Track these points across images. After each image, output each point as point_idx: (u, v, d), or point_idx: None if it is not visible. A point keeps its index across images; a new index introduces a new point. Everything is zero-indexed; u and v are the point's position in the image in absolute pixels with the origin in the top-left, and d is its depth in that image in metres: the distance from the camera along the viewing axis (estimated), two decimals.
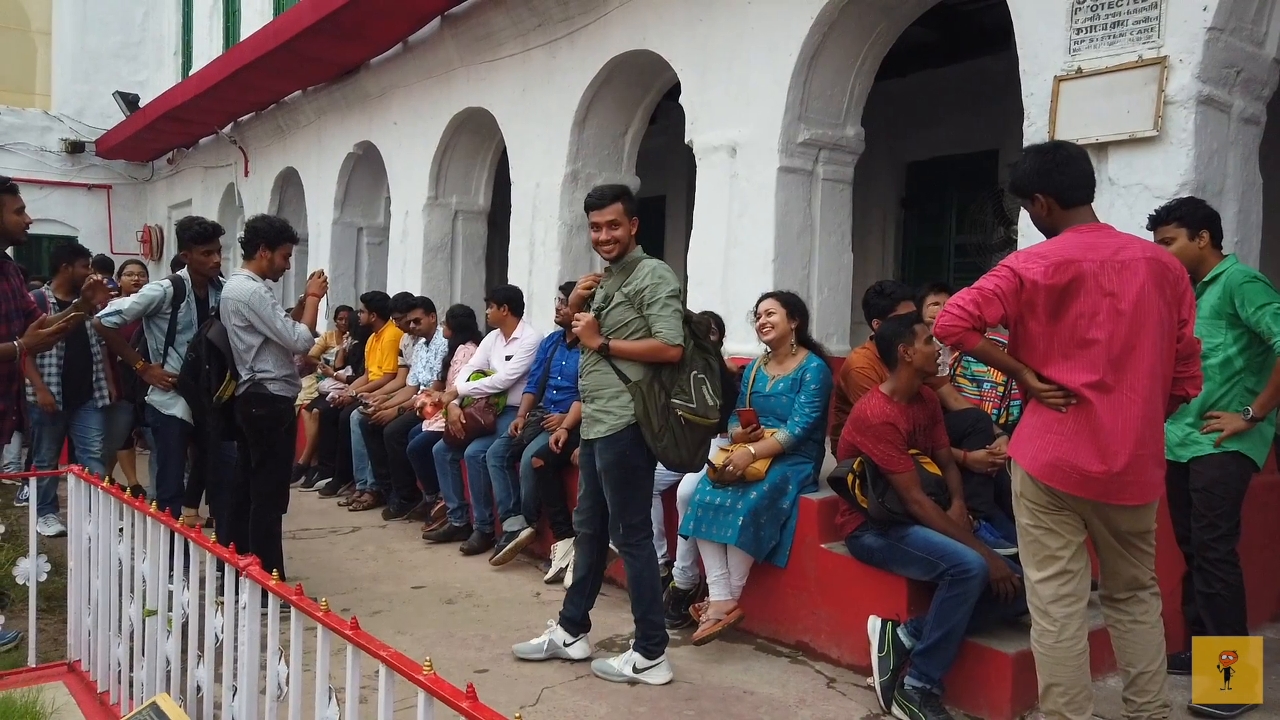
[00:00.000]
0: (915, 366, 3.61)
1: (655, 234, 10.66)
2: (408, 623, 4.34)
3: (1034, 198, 2.83)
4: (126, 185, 15.35)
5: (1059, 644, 2.77)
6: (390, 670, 1.64)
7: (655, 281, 3.57)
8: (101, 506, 3.11)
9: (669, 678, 3.67)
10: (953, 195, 8.46)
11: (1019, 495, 2.83)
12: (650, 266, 3.63)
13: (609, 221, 3.62)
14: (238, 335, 4.42)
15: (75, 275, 5.69)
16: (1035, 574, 2.82)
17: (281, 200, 11.46)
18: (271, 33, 8.89)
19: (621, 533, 3.71)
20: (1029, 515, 2.81)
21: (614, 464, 3.64)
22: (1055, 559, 2.78)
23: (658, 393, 3.56)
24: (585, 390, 3.74)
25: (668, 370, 3.58)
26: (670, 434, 3.55)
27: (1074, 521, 2.78)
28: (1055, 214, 2.82)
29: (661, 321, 3.54)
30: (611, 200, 3.63)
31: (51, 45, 15.00)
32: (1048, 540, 2.78)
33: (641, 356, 3.58)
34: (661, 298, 3.55)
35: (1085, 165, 2.82)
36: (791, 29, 5.27)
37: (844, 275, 5.73)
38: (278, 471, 4.61)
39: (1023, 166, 2.86)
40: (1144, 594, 2.87)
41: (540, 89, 7.13)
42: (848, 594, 3.82)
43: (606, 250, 3.66)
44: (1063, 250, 2.71)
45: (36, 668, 3.38)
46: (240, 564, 2.18)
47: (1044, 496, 2.76)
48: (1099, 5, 4.07)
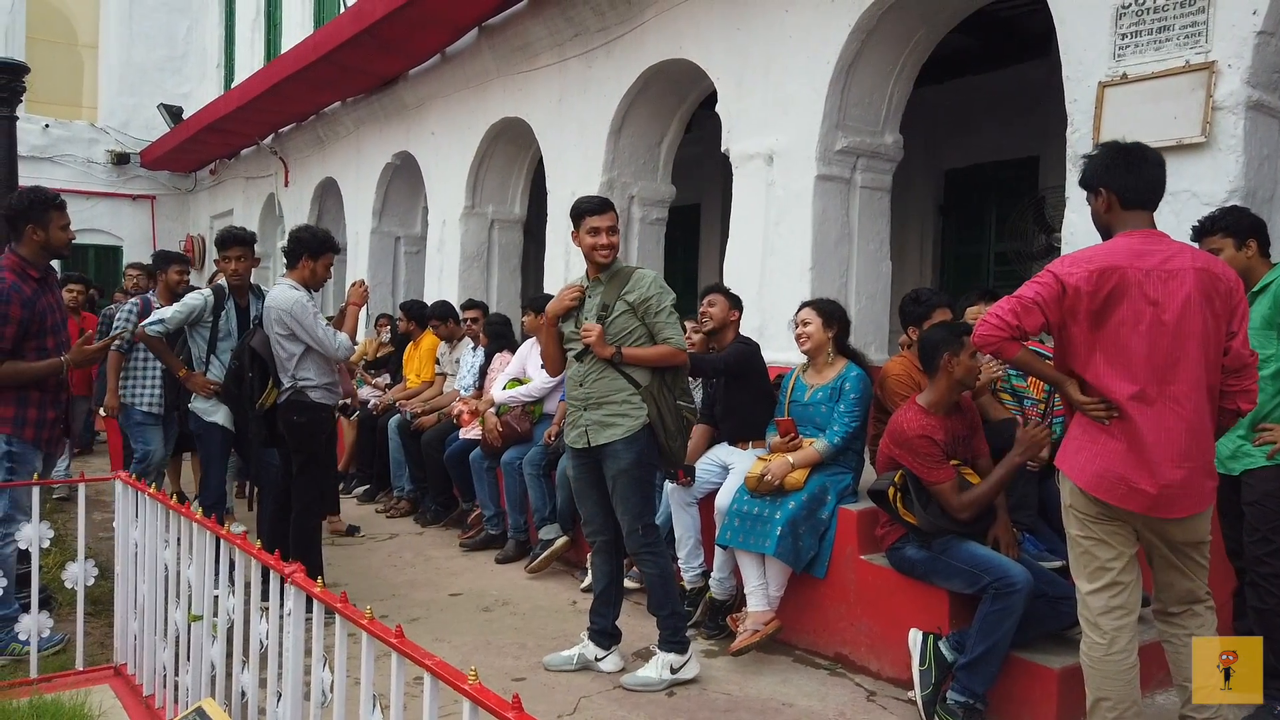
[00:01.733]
0: (956, 378, 3.56)
1: (690, 242, 10.66)
2: (445, 630, 4.36)
3: (1098, 191, 2.80)
4: (170, 195, 15.64)
5: (1109, 657, 2.72)
6: (435, 679, 1.64)
7: (659, 291, 3.72)
8: (148, 512, 3.16)
9: (699, 669, 3.79)
10: (992, 202, 8.38)
11: (1069, 506, 2.79)
12: (651, 277, 3.75)
13: (609, 227, 3.72)
14: (280, 344, 4.48)
15: (170, 281, 5.78)
16: (1086, 585, 2.77)
17: (321, 210, 11.61)
18: (312, 45, 9.03)
19: (640, 534, 3.73)
20: (1079, 526, 2.76)
21: (634, 464, 3.67)
22: (1106, 570, 2.73)
23: (666, 395, 3.71)
24: (589, 398, 3.72)
25: (670, 374, 3.74)
26: (681, 435, 3.76)
27: (1125, 533, 2.73)
28: (1114, 212, 2.78)
29: (670, 329, 3.69)
30: (610, 207, 3.77)
31: (98, 59, 15.34)
32: (1098, 551, 2.73)
33: (654, 362, 3.69)
34: (667, 306, 3.71)
35: (1157, 171, 2.77)
36: (829, 37, 5.25)
37: (882, 283, 5.68)
38: (318, 478, 4.66)
39: (1095, 159, 2.84)
40: (1199, 608, 2.81)
41: (576, 98, 7.16)
42: (888, 606, 3.77)
43: (603, 255, 3.73)
44: (1108, 256, 2.67)
45: (83, 671, 3.44)
46: (285, 571, 2.19)
47: (1094, 507, 2.72)
48: (1145, 10, 4.01)
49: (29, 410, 3.93)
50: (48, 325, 3.98)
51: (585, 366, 3.74)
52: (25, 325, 3.87)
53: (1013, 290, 2.80)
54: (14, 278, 3.87)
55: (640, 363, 3.67)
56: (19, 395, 3.91)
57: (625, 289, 3.69)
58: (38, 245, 3.98)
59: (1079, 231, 4.14)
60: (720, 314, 4.62)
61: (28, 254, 3.97)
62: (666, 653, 3.71)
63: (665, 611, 3.75)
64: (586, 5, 6.81)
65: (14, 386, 3.88)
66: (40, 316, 3.93)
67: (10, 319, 3.81)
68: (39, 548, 3.35)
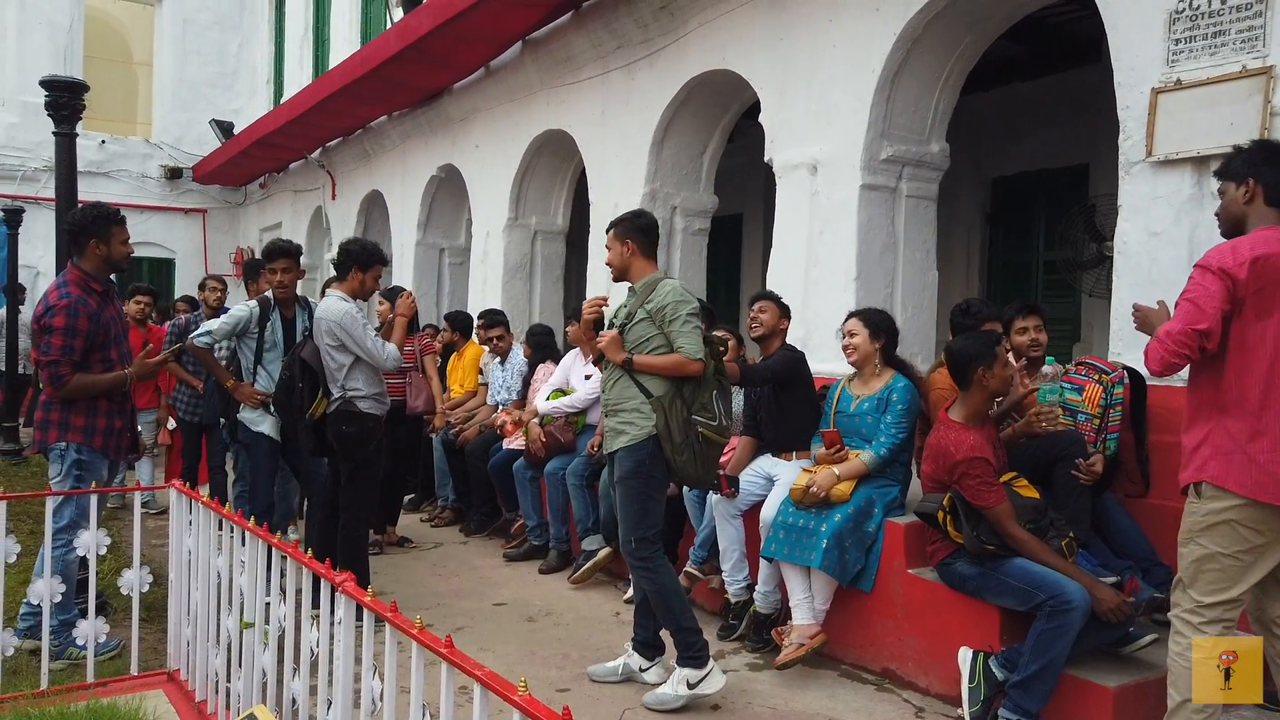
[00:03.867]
0: (991, 390, 3.51)
1: (732, 252, 10.64)
2: (490, 640, 4.38)
3: (1244, 181, 2.78)
4: (221, 209, 15.97)
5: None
6: (485, 690, 1.65)
7: (676, 300, 3.65)
8: (201, 520, 3.22)
9: (723, 682, 3.66)
10: (1041, 211, 8.25)
11: (1228, 521, 2.68)
12: (671, 286, 3.72)
13: (610, 245, 3.86)
14: (330, 354, 4.54)
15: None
16: (1208, 598, 2.72)
17: (367, 222, 11.78)
18: (359, 61, 9.18)
19: (633, 546, 3.67)
20: (1240, 540, 2.68)
21: (632, 472, 3.64)
22: (1238, 584, 2.69)
23: (680, 408, 3.60)
24: (607, 404, 3.76)
25: (689, 387, 3.63)
26: (690, 449, 3.60)
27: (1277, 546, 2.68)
28: (1254, 205, 2.77)
29: (683, 338, 3.61)
30: (612, 227, 3.85)
31: (153, 76, 15.73)
32: (1255, 566, 2.68)
33: (664, 370, 3.63)
34: (682, 315, 3.63)
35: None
36: (874, 45, 5.22)
37: (928, 293, 5.62)
38: (366, 487, 4.71)
39: (1247, 150, 2.84)
40: None
41: (619, 110, 7.19)
42: (937, 621, 3.72)
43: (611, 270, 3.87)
44: (1260, 245, 2.65)
45: (138, 675, 3.51)
46: (336, 579, 2.22)
47: (1259, 514, 2.64)
48: (1199, 15, 3.93)
49: (98, 419, 4.07)
50: (111, 337, 4.12)
51: (607, 373, 3.78)
52: (91, 338, 4.01)
53: (1062, 298, 2.76)
54: (79, 291, 4.00)
55: (651, 370, 3.63)
56: (89, 405, 4.05)
57: (648, 298, 3.71)
58: (100, 259, 4.10)
59: (1131, 240, 4.07)
60: (770, 320, 4.59)
61: (90, 268, 4.09)
62: (683, 668, 3.61)
63: (672, 627, 3.67)
64: (629, 17, 6.84)
65: (84, 397, 4.01)
66: (104, 329, 4.06)
67: (78, 331, 3.94)
68: (96, 554, 3.43)
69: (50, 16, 14.32)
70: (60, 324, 3.91)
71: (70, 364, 3.95)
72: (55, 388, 3.97)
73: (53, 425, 4.03)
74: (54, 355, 3.92)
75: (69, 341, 3.93)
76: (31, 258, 13.23)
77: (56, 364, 3.93)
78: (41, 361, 3.98)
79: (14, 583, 3.88)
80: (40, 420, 4.07)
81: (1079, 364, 4.01)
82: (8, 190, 13.55)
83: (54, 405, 4.03)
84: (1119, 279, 4.12)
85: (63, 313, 3.92)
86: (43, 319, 3.95)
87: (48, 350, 3.93)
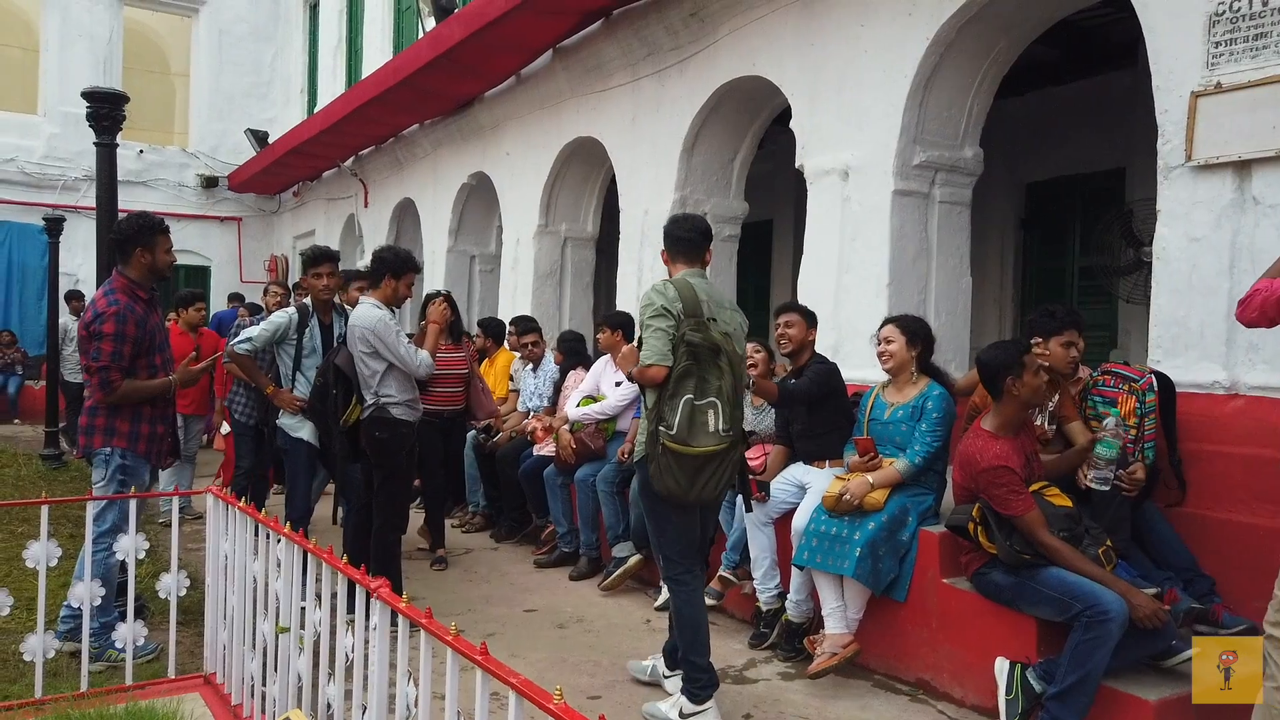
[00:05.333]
0: (1022, 399, 3.47)
1: (762, 259, 10.61)
2: (521, 646, 4.38)
3: None
4: (255, 217, 16.18)
5: None
6: (520, 697, 1.65)
7: (644, 304, 3.48)
8: (238, 526, 3.25)
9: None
10: (1076, 216, 8.14)
11: None
12: (650, 289, 3.52)
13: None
14: (363, 361, 4.58)
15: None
16: None
17: (399, 230, 11.88)
18: (391, 70, 9.27)
19: (662, 564, 3.63)
20: None
21: (641, 490, 3.61)
22: None
23: (654, 418, 3.40)
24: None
25: (655, 396, 3.40)
26: (657, 461, 3.35)
27: None
28: None
29: (644, 343, 3.42)
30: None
31: (189, 87, 15.98)
32: None
33: (638, 380, 3.48)
34: (645, 319, 3.44)
35: None
36: (906, 50, 5.19)
37: (962, 299, 5.57)
38: (399, 493, 4.75)
39: None
40: None
41: (649, 117, 7.20)
42: (972, 632, 3.67)
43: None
44: None
45: (175, 679, 3.55)
46: (371, 585, 2.23)
47: None
48: (1240, 17, 3.86)
49: (142, 425, 4.14)
50: (156, 344, 4.20)
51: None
52: (139, 344, 4.07)
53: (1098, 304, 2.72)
54: (127, 299, 4.07)
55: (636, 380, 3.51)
56: (134, 411, 4.12)
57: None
58: (145, 267, 4.18)
59: (1171, 245, 4.00)
60: (799, 335, 4.54)
61: (136, 276, 4.16)
62: (684, 695, 3.49)
63: (680, 653, 3.54)
64: (660, 25, 6.85)
65: (131, 403, 4.07)
66: (150, 335, 4.14)
67: (127, 338, 4.01)
68: (135, 558, 3.47)
69: (90, 29, 14.59)
70: (110, 330, 3.96)
71: (119, 370, 4.01)
72: (105, 393, 4.02)
73: (98, 431, 4.09)
74: (103, 361, 3.98)
75: (118, 347, 3.98)
76: (71, 265, 13.48)
77: (106, 369, 3.98)
78: (91, 367, 4.02)
79: (54, 585, 3.94)
80: (85, 426, 4.12)
81: (1104, 373, 3.96)
82: (48, 199, 13.81)
83: (99, 411, 4.09)
84: (1158, 285, 4.06)
85: (112, 319, 3.97)
86: (92, 325, 4.00)
87: (97, 356, 3.98)
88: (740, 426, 3.49)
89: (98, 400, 4.07)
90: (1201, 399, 3.83)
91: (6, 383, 13.42)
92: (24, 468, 8.59)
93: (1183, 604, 3.45)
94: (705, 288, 3.55)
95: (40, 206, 13.04)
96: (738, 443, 3.47)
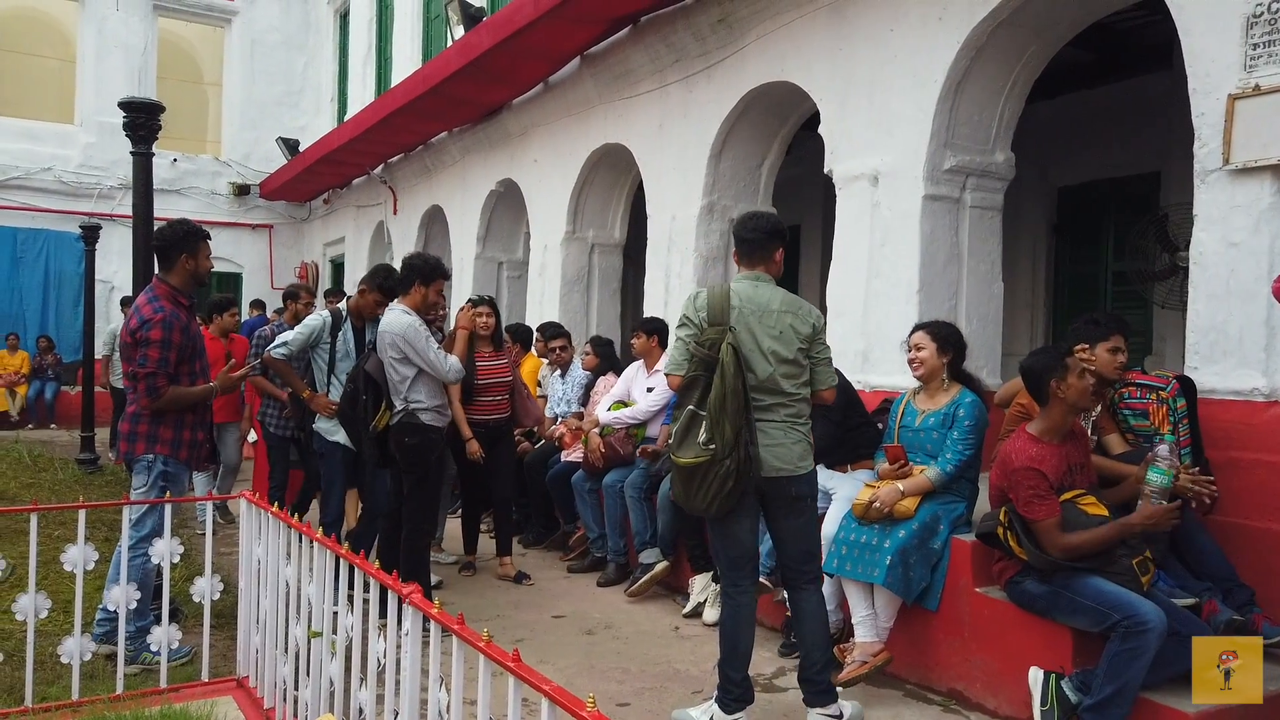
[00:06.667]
0: (1068, 402, 3.42)
1: (790, 264, 10.46)
2: (549, 652, 4.38)
3: None
4: (286, 224, 16.36)
5: None
6: (553, 705, 1.65)
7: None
8: (271, 530, 3.28)
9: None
10: (1109, 220, 8.05)
11: None
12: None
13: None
14: (393, 367, 4.61)
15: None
16: None
17: (427, 237, 11.96)
18: (421, 78, 9.35)
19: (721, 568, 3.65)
20: None
21: None
22: None
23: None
24: None
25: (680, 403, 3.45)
26: (673, 471, 3.45)
27: None
28: None
29: (668, 351, 3.53)
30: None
31: (222, 96, 16.21)
32: None
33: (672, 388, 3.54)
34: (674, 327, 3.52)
35: None
36: (937, 55, 5.15)
37: (994, 305, 5.51)
38: (428, 498, 4.77)
39: None
40: None
41: (677, 123, 7.21)
42: (1006, 642, 3.62)
43: None
44: None
45: (209, 682, 3.58)
46: (404, 591, 2.24)
47: None
48: (1278, 19, 3.80)
49: (184, 432, 4.17)
50: (196, 350, 4.23)
51: None
52: (182, 351, 4.10)
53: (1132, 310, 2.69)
54: (171, 306, 4.10)
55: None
56: (176, 418, 4.14)
57: None
58: (188, 274, 4.21)
59: (1208, 250, 3.94)
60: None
61: (178, 283, 4.19)
62: (714, 703, 3.48)
63: (720, 660, 3.50)
64: (688, 31, 6.86)
65: (174, 410, 4.09)
66: (193, 342, 4.18)
67: (173, 345, 4.04)
68: (169, 562, 3.51)
69: (126, 40, 14.85)
70: (157, 337, 3.99)
71: (166, 376, 4.04)
72: (151, 399, 4.03)
73: (140, 438, 4.10)
74: (151, 368, 4.00)
75: (165, 354, 4.01)
76: (107, 272, 13.70)
77: (153, 376, 4.01)
78: (139, 374, 4.03)
79: (89, 589, 3.99)
80: (128, 433, 4.12)
81: (1126, 385, 3.90)
82: (84, 208, 14.04)
83: (142, 418, 4.09)
84: (1195, 290, 4.00)
85: (159, 326, 4.00)
86: (138, 332, 4.01)
87: (144, 362, 4.00)
88: (740, 441, 3.27)
89: (143, 406, 4.08)
90: (1240, 406, 3.77)
91: (43, 388, 13.66)
92: (60, 472, 8.72)
93: (1222, 615, 3.39)
94: (748, 293, 3.46)
95: (76, 215, 13.24)
96: (727, 458, 3.25)
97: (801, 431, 3.49)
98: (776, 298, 3.47)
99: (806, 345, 3.47)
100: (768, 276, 3.57)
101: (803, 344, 3.46)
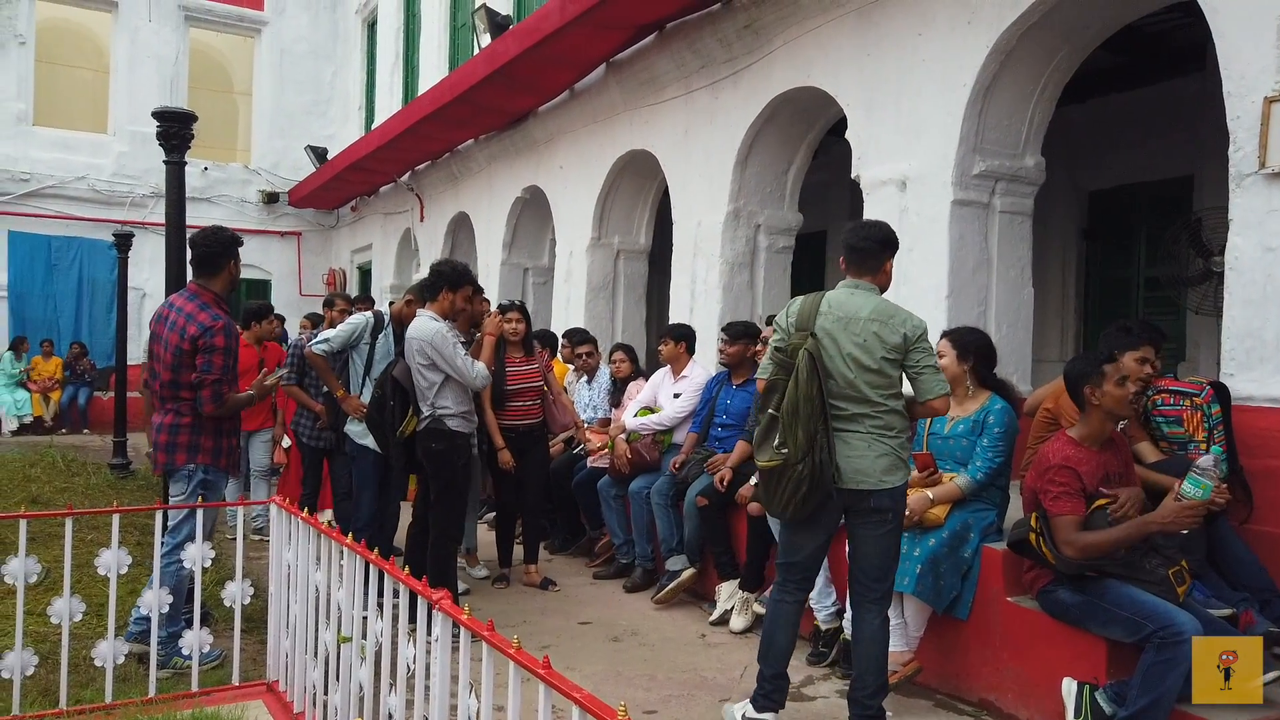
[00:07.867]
0: (1105, 409, 3.38)
1: (816, 270, 10.53)
2: (575, 659, 4.38)
3: None
4: (314, 232, 16.51)
5: None
6: (585, 712, 1.64)
7: None
8: (300, 536, 3.30)
9: None
10: (1141, 225, 7.95)
11: None
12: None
13: None
14: (421, 373, 4.64)
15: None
16: None
17: (453, 243, 12.03)
18: (447, 86, 9.41)
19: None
20: None
21: None
22: None
23: None
24: None
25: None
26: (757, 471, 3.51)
27: None
28: None
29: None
30: None
31: (252, 105, 16.40)
32: None
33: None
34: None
35: None
36: (965, 59, 5.12)
37: (1024, 311, 5.46)
38: (455, 504, 4.78)
39: None
40: None
41: (702, 129, 7.20)
42: (1038, 652, 3.58)
43: None
44: None
45: (239, 686, 3.61)
46: (433, 597, 2.24)
47: None
48: None
49: (222, 440, 4.21)
50: (237, 357, 4.26)
51: None
52: (234, 357, 4.15)
53: (1164, 315, 2.66)
54: (225, 313, 4.14)
55: None
56: (215, 426, 4.15)
57: None
58: (229, 281, 4.25)
59: (1244, 255, 3.88)
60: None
61: (220, 289, 4.23)
62: (749, 700, 3.52)
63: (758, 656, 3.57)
64: (713, 37, 6.86)
65: (214, 417, 4.11)
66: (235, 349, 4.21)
67: (231, 351, 4.09)
68: (201, 567, 3.54)
69: (158, 50, 15.05)
70: (221, 344, 4.02)
71: (229, 383, 4.09)
72: (216, 406, 4.06)
73: (181, 448, 4.09)
74: (216, 374, 4.02)
75: (228, 361, 4.06)
76: (139, 280, 13.87)
77: (219, 382, 4.04)
78: (205, 380, 4.02)
79: (122, 592, 4.03)
80: (167, 443, 4.10)
81: (1159, 392, 3.85)
82: (117, 216, 14.24)
83: (181, 428, 4.08)
84: (1230, 296, 3.93)
85: (221, 333, 4.03)
86: (201, 339, 4.00)
87: (209, 369, 4.01)
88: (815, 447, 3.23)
89: (210, 412, 4.08)
90: (1277, 414, 3.70)
91: (76, 394, 13.86)
92: (93, 477, 8.82)
93: (1259, 626, 3.33)
94: (840, 300, 3.41)
95: (109, 223, 13.46)
96: (799, 463, 3.22)
97: (889, 444, 3.35)
98: (868, 305, 3.39)
99: (897, 355, 3.34)
100: (870, 285, 3.47)
101: (890, 354, 3.33)
